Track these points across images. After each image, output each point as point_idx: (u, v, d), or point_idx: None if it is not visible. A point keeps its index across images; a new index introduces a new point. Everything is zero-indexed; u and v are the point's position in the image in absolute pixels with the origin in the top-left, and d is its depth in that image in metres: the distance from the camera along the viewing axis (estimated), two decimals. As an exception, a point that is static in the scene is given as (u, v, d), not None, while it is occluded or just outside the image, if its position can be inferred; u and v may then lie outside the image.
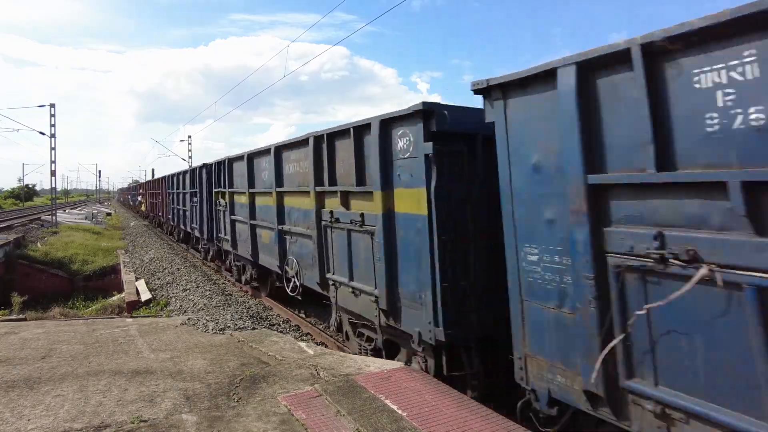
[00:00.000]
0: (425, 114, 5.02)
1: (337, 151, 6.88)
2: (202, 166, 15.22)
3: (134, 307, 11.53)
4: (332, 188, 6.93)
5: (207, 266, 16.98)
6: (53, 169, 29.99)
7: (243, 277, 12.40)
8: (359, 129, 6.23)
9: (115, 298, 14.14)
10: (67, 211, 51.32)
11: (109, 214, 50.39)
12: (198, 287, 12.44)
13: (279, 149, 8.82)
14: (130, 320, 8.75)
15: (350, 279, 6.59)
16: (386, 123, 5.64)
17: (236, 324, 8.22)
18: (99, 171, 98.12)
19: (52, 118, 28.86)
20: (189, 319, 8.48)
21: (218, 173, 13.28)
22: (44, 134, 28.80)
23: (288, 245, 8.71)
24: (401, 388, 4.92)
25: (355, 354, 6.71)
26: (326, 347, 7.62)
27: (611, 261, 3.37)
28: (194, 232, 17.61)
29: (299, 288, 8.34)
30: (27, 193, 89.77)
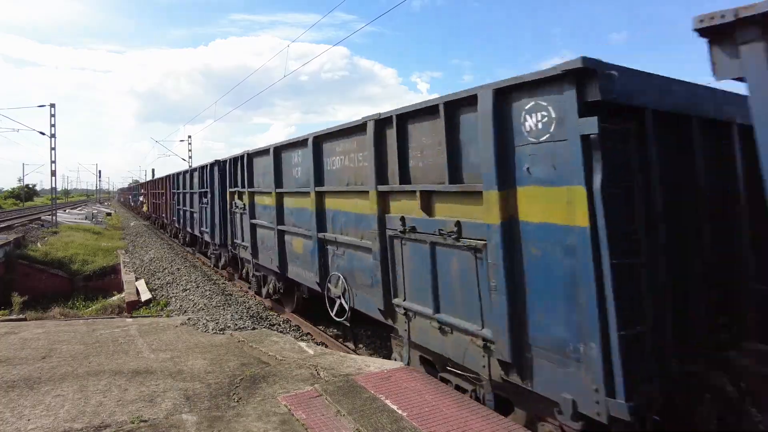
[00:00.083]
0: (581, 75, 3.41)
1: (411, 138, 5.38)
2: (214, 163, 13.75)
3: (134, 307, 11.52)
4: (405, 187, 5.41)
5: (207, 266, 16.99)
6: (53, 169, 30.00)
7: (264, 290, 10.77)
8: (453, 105, 4.70)
9: (115, 298, 14.14)
10: (67, 211, 51.33)
11: (109, 214, 50.41)
12: (198, 287, 12.45)
13: (318, 140, 7.36)
14: (130, 320, 8.76)
15: (436, 310, 5.01)
16: (504, 93, 4.09)
17: (236, 324, 8.22)
18: (99, 171, 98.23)
19: (52, 118, 28.87)
20: (189, 319, 8.49)
21: (234, 171, 11.82)
22: (44, 134, 28.84)
23: (331, 258, 7.21)
24: (401, 388, 4.92)
25: None
26: (326, 347, 7.62)
27: None
28: (203, 237, 16.14)
29: (348, 312, 6.70)
30: (27, 193, 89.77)
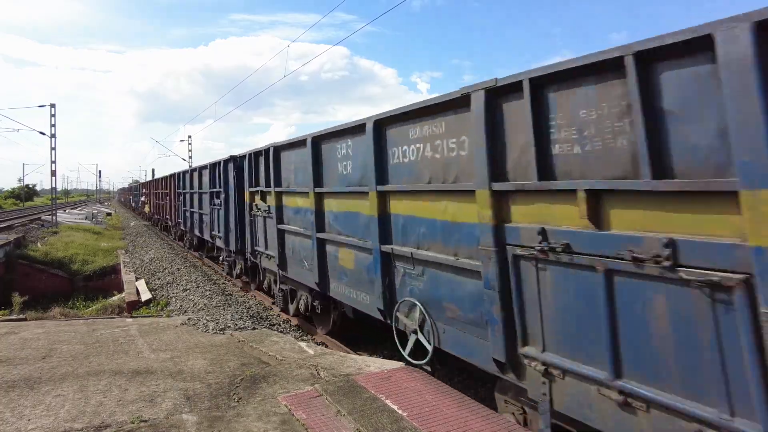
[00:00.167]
0: None
1: (558, 111, 3.63)
2: (229, 160, 12.49)
3: (134, 307, 11.52)
4: (549, 185, 3.74)
5: (207, 265, 16.98)
6: (53, 169, 30.01)
7: (291, 306, 9.47)
8: (649, 55, 2.95)
9: (116, 298, 14.14)
10: (68, 211, 51.34)
11: (110, 214, 50.41)
12: (198, 287, 12.45)
13: (381, 125, 5.81)
14: (131, 320, 8.75)
15: (615, 374, 3.30)
16: None
17: (236, 324, 8.22)
18: (99, 171, 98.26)
19: (52, 118, 28.89)
20: (189, 319, 8.48)
21: (255, 167, 10.45)
22: (44, 134, 28.86)
23: (401, 278, 5.69)
24: (402, 388, 4.92)
25: None
26: (326, 347, 7.62)
27: None
28: (215, 241, 14.82)
29: (431, 354, 5.21)
30: (27, 193, 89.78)
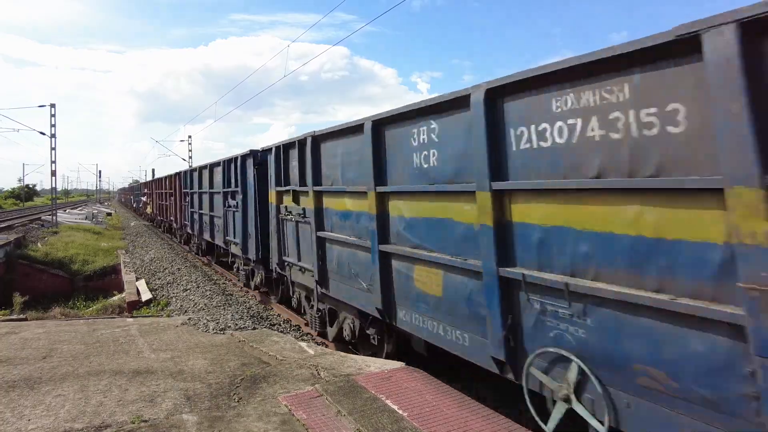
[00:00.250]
0: None
1: None
2: (249, 155, 11.03)
3: (135, 307, 11.53)
4: None
5: (207, 266, 16.97)
6: (53, 169, 30.02)
7: (331, 330, 7.82)
8: None
9: (116, 298, 14.15)
10: (68, 211, 51.34)
11: (110, 214, 50.41)
12: (198, 287, 12.45)
13: (494, 96, 4.01)
14: (131, 320, 8.75)
15: None
16: None
17: (237, 324, 8.22)
18: (99, 171, 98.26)
19: (53, 118, 28.90)
20: (189, 319, 8.48)
21: (284, 162, 8.62)
22: (44, 134, 28.88)
23: (540, 319, 3.84)
24: (402, 388, 4.92)
25: None
26: (326, 347, 7.61)
27: None
28: (229, 248, 13.31)
29: None
30: (27, 193, 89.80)
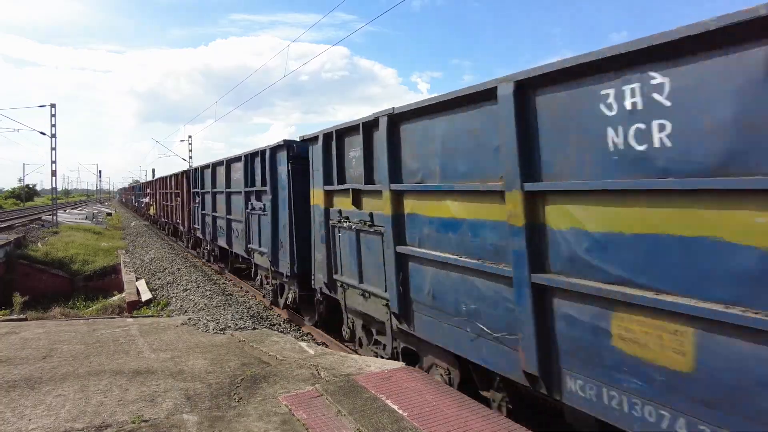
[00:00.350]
0: None
1: None
2: (281, 146, 9.02)
3: (135, 307, 11.53)
4: None
5: (208, 266, 16.96)
6: (54, 169, 30.02)
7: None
8: None
9: (116, 298, 14.16)
10: (68, 211, 51.35)
11: (110, 214, 50.42)
12: (198, 287, 12.45)
13: None
14: (131, 320, 8.75)
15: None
16: None
17: (237, 324, 8.22)
18: (99, 171, 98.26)
19: (53, 118, 28.90)
20: (190, 319, 8.48)
21: (338, 154, 6.85)
22: (45, 134, 28.87)
23: None
24: (402, 388, 4.92)
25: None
26: (327, 347, 7.62)
27: None
28: (251, 257, 11.22)
29: None
30: (27, 193, 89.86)
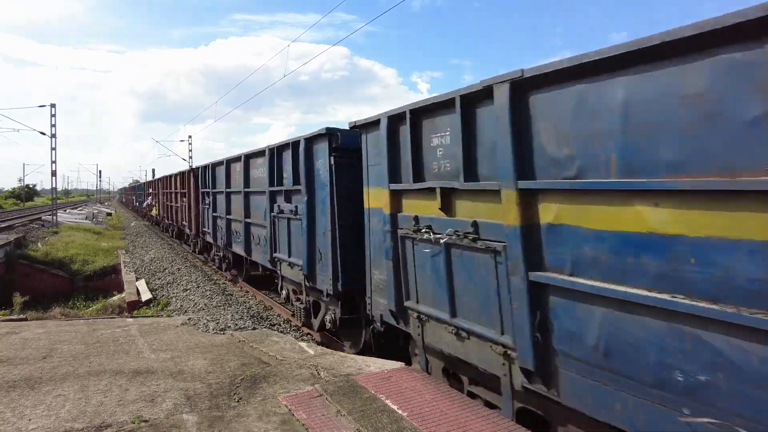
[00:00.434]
0: None
1: None
2: (320, 136, 7.28)
3: (135, 307, 11.54)
4: None
5: (208, 266, 16.97)
6: (54, 169, 30.02)
7: None
8: None
9: (116, 298, 14.16)
10: (68, 211, 51.35)
11: (110, 215, 50.43)
12: (198, 287, 12.45)
13: None
14: (131, 320, 8.76)
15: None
16: None
17: (237, 324, 8.22)
18: (99, 171, 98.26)
19: (53, 118, 28.89)
20: (190, 319, 8.49)
21: (415, 143, 5.21)
22: (45, 134, 28.86)
23: None
24: (401, 388, 4.92)
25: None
26: (326, 347, 7.62)
27: None
28: (278, 268, 9.44)
29: None
30: (27, 193, 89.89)
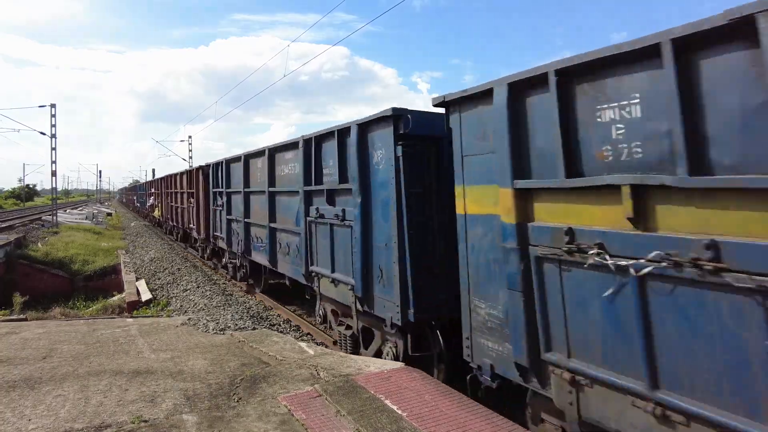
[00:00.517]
0: None
1: None
2: (380, 120, 5.89)
3: (135, 307, 11.55)
4: None
5: (207, 266, 16.98)
6: (54, 170, 30.04)
7: None
8: None
9: (116, 298, 14.17)
10: (68, 211, 51.37)
11: (110, 215, 50.44)
12: (198, 287, 12.45)
13: None
14: (131, 320, 8.76)
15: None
16: None
17: (237, 324, 8.23)
18: (99, 171, 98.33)
19: (53, 118, 28.93)
20: (189, 319, 8.50)
21: (565, 115, 3.57)
22: (45, 134, 28.89)
23: None
24: (401, 389, 4.93)
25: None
26: (326, 347, 7.63)
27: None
28: (316, 285, 7.74)
29: None
30: (28, 193, 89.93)
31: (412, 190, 5.61)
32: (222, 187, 13.05)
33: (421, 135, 5.59)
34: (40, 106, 28.65)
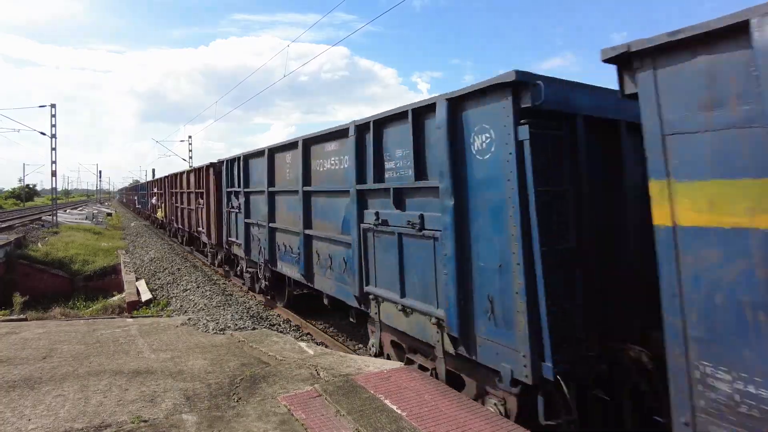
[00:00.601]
0: None
1: None
2: (484, 91, 4.35)
3: (135, 307, 11.55)
4: None
5: (208, 266, 16.99)
6: (54, 170, 30.05)
7: None
8: None
9: (116, 298, 14.17)
10: (68, 212, 51.38)
11: (110, 215, 50.45)
12: (198, 287, 12.46)
13: None
14: (131, 320, 8.77)
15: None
16: None
17: (236, 324, 8.23)
18: (99, 171, 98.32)
19: (53, 119, 28.93)
20: (189, 319, 8.50)
21: None
22: (45, 134, 28.88)
23: None
24: (401, 388, 4.93)
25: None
26: (326, 347, 7.63)
27: None
28: (374, 310, 6.32)
29: None
30: (28, 194, 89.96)
31: (547, 189, 4.08)
32: (239, 187, 11.44)
33: (555, 111, 4.14)
34: (40, 106, 28.69)
